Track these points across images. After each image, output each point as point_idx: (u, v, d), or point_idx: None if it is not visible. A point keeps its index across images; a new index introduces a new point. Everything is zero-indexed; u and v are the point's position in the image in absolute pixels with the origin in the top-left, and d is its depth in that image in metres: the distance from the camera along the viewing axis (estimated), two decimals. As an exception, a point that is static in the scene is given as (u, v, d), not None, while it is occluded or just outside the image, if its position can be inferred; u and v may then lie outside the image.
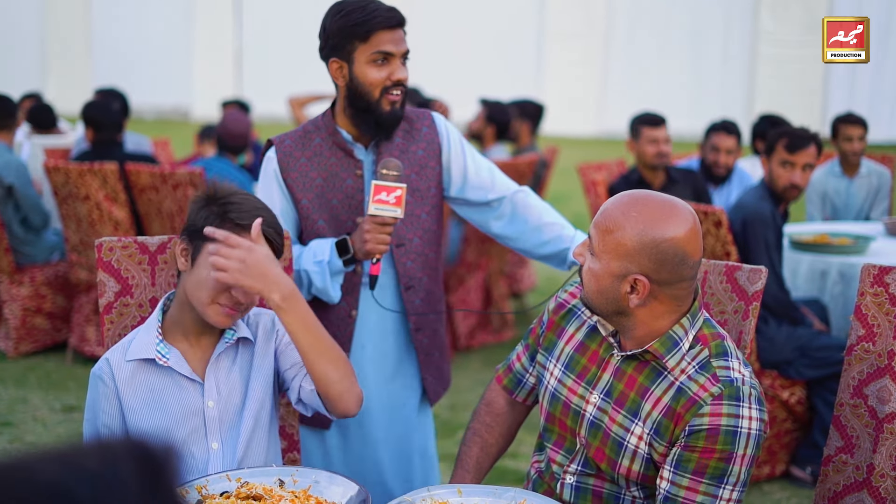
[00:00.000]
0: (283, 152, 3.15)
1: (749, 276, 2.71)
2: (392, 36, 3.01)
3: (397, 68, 3.04)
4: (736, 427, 2.24)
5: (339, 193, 3.14)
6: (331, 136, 3.15)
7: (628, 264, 2.27)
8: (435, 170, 3.24)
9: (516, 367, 2.76)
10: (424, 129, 3.25)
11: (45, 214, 6.72)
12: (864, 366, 2.77)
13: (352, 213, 3.14)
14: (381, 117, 3.06)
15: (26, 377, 6.29)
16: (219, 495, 2.34)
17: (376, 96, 3.03)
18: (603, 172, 6.73)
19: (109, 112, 6.69)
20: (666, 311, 2.34)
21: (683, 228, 2.28)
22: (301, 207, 3.14)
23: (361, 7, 2.99)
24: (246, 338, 2.62)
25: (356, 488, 2.34)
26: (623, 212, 2.29)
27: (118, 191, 6.17)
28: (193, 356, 2.58)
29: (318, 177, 3.13)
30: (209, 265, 2.43)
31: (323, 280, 3.04)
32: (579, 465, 2.52)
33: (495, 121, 7.71)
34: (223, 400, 2.57)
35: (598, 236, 2.32)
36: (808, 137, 4.85)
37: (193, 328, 2.57)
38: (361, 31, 2.98)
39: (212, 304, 2.48)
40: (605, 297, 2.34)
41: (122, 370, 2.53)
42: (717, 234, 4.77)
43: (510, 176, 6.77)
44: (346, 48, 3.02)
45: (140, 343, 2.55)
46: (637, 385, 2.40)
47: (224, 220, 2.47)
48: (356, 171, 3.15)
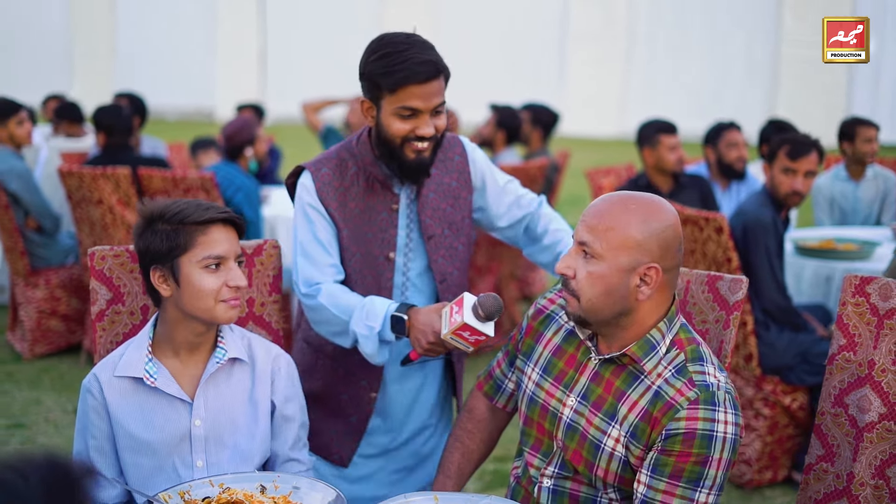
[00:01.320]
0: (321, 181, 3.02)
1: (730, 286, 2.74)
2: (422, 90, 2.83)
3: (424, 123, 2.87)
4: (712, 431, 2.27)
5: (374, 227, 3.05)
6: (367, 167, 3.03)
7: (639, 255, 2.34)
8: (467, 199, 3.17)
9: (496, 374, 2.81)
10: (456, 157, 3.17)
11: (55, 217, 6.79)
12: (845, 375, 2.80)
13: (384, 248, 3.06)
14: (406, 164, 2.94)
15: (40, 379, 6.37)
16: (201, 500, 2.39)
17: (398, 144, 2.90)
18: (611, 177, 6.75)
19: (120, 117, 6.76)
20: (664, 299, 2.42)
21: (672, 215, 2.40)
22: (342, 238, 3.05)
23: (397, 53, 2.82)
24: (239, 359, 2.66)
25: (334, 494, 2.39)
26: (621, 207, 2.37)
27: (131, 195, 6.24)
28: (184, 373, 2.62)
29: (355, 207, 3.04)
30: (198, 274, 2.49)
31: (372, 347, 2.92)
32: (556, 468, 2.56)
33: (505, 125, 7.73)
34: (210, 419, 2.61)
35: (599, 236, 2.36)
36: (810, 144, 4.86)
37: (184, 345, 2.61)
38: (389, 83, 2.83)
39: (217, 305, 2.53)
40: (612, 297, 2.37)
41: (112, 385, 2.58)
42: (718, 241, 4.78)
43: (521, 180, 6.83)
44: (375, 93, 2.89)
45: (129, 360, 2.59)
46: (614, 389, 2.43)
47: (184, 226, 2.50)
48: (392, 206, 3.07)
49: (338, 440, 3.22)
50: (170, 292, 2.54)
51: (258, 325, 2.98)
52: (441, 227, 3.11)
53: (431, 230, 3.09)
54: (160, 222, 2.52)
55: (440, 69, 2.85)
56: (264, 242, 3.01)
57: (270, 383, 2.69)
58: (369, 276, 3.05)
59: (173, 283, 2.53)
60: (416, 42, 2.85)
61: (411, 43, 2.84)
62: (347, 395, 3.19)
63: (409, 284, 3.12)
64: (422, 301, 3.14)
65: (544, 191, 7.63)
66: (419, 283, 3.13)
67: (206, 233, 2.52)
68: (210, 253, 2.52)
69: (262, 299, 3.00)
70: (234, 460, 2.63)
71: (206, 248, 2.52)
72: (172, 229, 2.50)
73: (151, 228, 2.52)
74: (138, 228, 2.56)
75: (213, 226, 2.53)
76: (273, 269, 3.01)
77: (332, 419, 3.22)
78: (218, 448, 2.62)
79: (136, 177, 6.26)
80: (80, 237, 6.59)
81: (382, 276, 3.06)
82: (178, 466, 2.60)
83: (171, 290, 2.54)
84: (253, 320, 2.98)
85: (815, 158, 4.86)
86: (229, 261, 2.56)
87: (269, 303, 3.01)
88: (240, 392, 2.66)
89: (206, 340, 2.63)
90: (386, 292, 3.06)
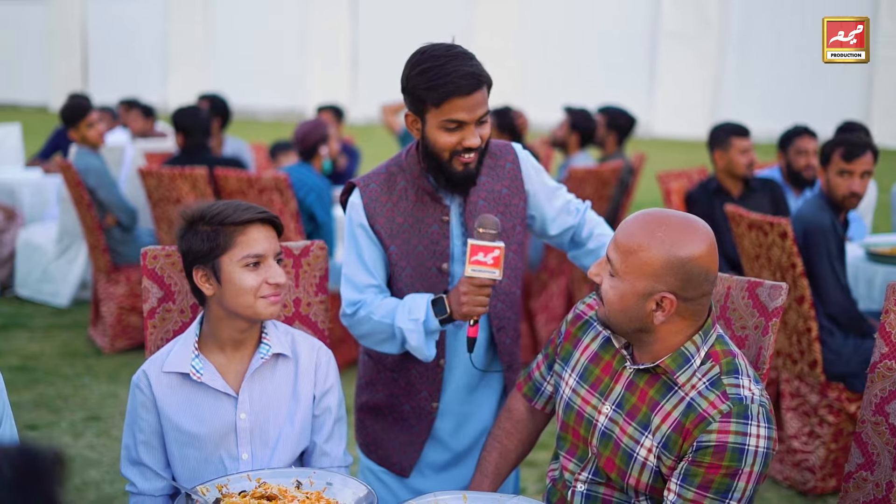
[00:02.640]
0: (368, 197, 3.05)
1: (770, 293, 2.73)
2: (466, 103, 2.84)
3: (470, 134, 2.88)
4: (743, 445, 2.28)
5: (425, 239, 3.06)
6: (415, 180, 3.04)
7: (655, 283, 2.33)
8: (519, 207, 3.17)
9: (535, 376, 2.83)
10: (508, 164, 3.16)
11: (131, 212, 6.99)
12: (887, 383, 2.77)
13: (436, 259, 3.07)
14: (454, 177, 2.96)
15: (119, 373, 6.55)
16: (237, 494, 2.46)
17: (446, 158, 2.92)
18: (682, 180, 6.71)
19: (197, 119, 6.94)
20: (686, 325, 2.40)
21: (705, 245, 2.34)
22: (390, 254, 3.06)
23: (439, 66, 2.83)
24: (283, 354, 2.73)
25: (365, 490, 2.45)
26: (648, 232, 2.34)
27: (207, 194, 6.39)
28: (230, 368, 2.70)
29: (404, 222, 3.05)
30: (238, 272, 2.58)
31: (419, 339, 2.95)
32: (590, 474, 2.58)
33: (579, 128, 7.72)
34: (255, 413, 2.69)
35: (621, 257, 2.37)
36: (864, 145, 4.80)
37: (229, 342, 2.69)
38: (433, 97, 2.84)
39: (257, 301, 2.60)
40: (628, 316, 2.39)
41: (160, 381, 2.67)
42: (782, 246, 4.75)
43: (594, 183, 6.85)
44: (420, 107, 2.91)
45: (177, 356, 2.68)
46: (648, 398, 2.45)
47: (224, 227, 2.58)
48: (442, 217, 3.07)
49: (399, 450, 3.25)
50: (213, 291, 2.62)
51: (304, 325, 3.05)
52: None
53: None
54: (201, 224, 2.60)
55: (483, 80, 2.86)
56: (311, 244, 3.08)
57: (314, 377, 2.76)
58: (422, 290, 3.06)
59: (215, 282, 2.61)
60: (458, 54, 2.86)
61: (453, 55, 2.85)
62: (409, 405, 3.22)
63: None
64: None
65: (619, 193, 7.61)
66: None
67: (245, 233, 2.59)
68: (249, 252, 2.59)
69: (309, 299, 3.07)
70: (278, 453, 2.70)
71: (245, 248, 2.59)
72: (212, 230, 2.58)
73: (193, 230, 2.61)
74: (180, 230, 2.64)
75: (251, 226, 2.61)
76: (319, 270, 3.08)
77: (394, 430, 3.25)
78: (263, 441, 2.70)
79: (213, 177, 6.41)
80: (160, 235, 6.77)
81: (435, 287, 3.07)
82: (224, 459, 2.68)
83: (214, 289, 2.62)
84: (299, 319, 3.05)
85: (870, 159, 4.80)
86: (268, 258, 2.62)
87: (316, 303, 3.08)
88: (283, 386, 2.73)
89: (251, 336, 2.70)
90: None
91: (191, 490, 2.45)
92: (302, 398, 2.74)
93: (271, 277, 2.61)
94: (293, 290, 3.04)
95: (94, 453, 5.20)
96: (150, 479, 2.68)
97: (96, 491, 4.77)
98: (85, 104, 7.08)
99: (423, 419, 3.21)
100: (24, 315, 7.89)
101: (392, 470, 3.28)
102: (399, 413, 3.23)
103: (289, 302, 3.04)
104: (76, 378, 6.45)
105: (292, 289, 3.04)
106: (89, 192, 6.72)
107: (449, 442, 3.27)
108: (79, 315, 7.94)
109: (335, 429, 2.80)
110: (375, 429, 3.28)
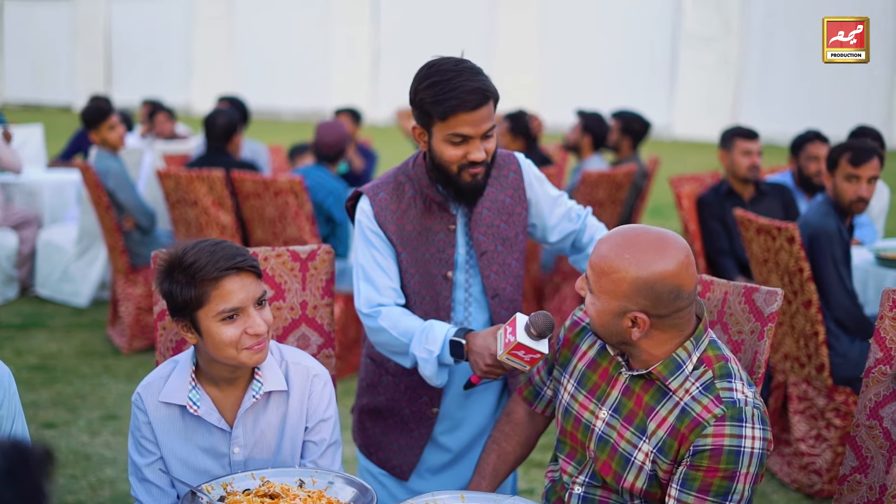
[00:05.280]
0: (378, 206, 3.08)
1: (765, 298, 2.78)
2: (472, 118, 2.87)
3: (475, 148, 2.91)
4: (739, 447, 2.33)
5: (432, 247, 3.11)
6: (423, 189, 3.08)
7: (626, 303, 2.39)
8: (521, 216, 3.22)
9: (535, 380, 2.89)
10: (511, 174, 3.21)
11: (150, 214, 7.08)
12: (881, 388, 2.82)
13: (442, 267, 3.12)
14: (462, 188, 2.99)
15: (136, 373, 6.63)
16: (241, 492, 2.53)
17: (454, 171, 2.95)
18: (694, 184, 6.75)
19: (215, 122, 7.03)
20: (668, 338, 2.45)
21: (674, 263, 2.37)
22: (401, 260, 3.10)
23: (446, 81, 2.86)
24: (277, 391, 2.73)
25: (365, 490, 2.51)
26: (616, 254, 2.39)
27: (224, 197, 6.48)
28: (224, 402, 2.70)
29: (413, 230, 3.09)
30: (216, 326, 2.54)
31: (431, 369, 2.98)
32: (587, 477, 2.64)
33: (592, 131, 7.77)
34: (249, 447, 2.72)
35: (594, 277, 2.44)
36: (871, 150, 4.84)
37: (222, 378, 2.68)
38: (439, 111, 2.87)
39: (240, 353, 2.57)
40: (608, 331, 2.47)
41: (158, 410, 2.68)
42: (790, 251, 4.78)
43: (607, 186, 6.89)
44: (426, 120, 2.94)
45: (173, 387, 2.68)
46: (644, 404, 2.50)
47: (195, 283, 2.51)
48: (449, 226, 3.12)
49: (399, 453, 3.31)
50: (195, 340, 2.61)
51: (310, 327, 3.12)
52: (494, 243, 3.16)
53: (484, 246, 3.14)
54: (177, 271, 2.53)
55: (489, 95, 2.89)
56: (318, 247, 3.15)
57: (306, 408, 2.76)
58: (427, 297, 3.12)
59: (196, 333, 2.59)
60: (465, 69, 2.89)
61: (460, 70, 2.88)
62: (409, 410, 3.27)
63: (473, 301, 3.17)
64: (484, 316, 3.21)
65: (633, 197, 7.66)
66: (482, 299, 3.19)
67: (220, 286, 2.52)
68: (225, 307, 2.53)
69: (315, 302, 3.14)
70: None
71: (220, 302, 2.53)
72: (187, 282, 2.52)
73: (170, 277, 2.55)
74: (159, 274, 2.59)
75: (225, 278, 2.53)
76: (326, 274, 3.15)
77: (394, 433, 3.31)
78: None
79: (230, 179, 6.49)
80: (177, 236, 6.87)
81: (440, 295, 3.12)
82: None
83: (196, 339, 2.60)
84: (306, 322, 3.12)
85: (877, 164, 4.83)
86: (248, 309, 2.56)
87: (322, 306, 3.15)
88: (276, 420, 2.74)
89: (243, 374, 2.69)
90: (444, 312, 3.13)
91: (196, 488, 2.51)
92: (296, 430, 2.76)
93: (251, 328, 2.55)
94: (300, 293, 3.11)
95: (110, 452, 5.28)
96: (157, 497, 2.71)
97: (111, 489, 4.85)
98: (106, 107, 7.17)
99: (423, 423, 3.27)
100: (43, 314, 7.99)
101: (392, 473, 3.33)
102: (399, 416, 3.28)
103: (296, 305, 3.11)
104: (94, 377, 6.54)
105: (299, 291, 3.11)
106: (108, 194, 6.82)
107: (446, 444, 3.32)
108: (98, 315, 8.04)
109: (328, 451, 2.81)
110: (375, 431, 3.34)
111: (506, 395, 3.38)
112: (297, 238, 6.24)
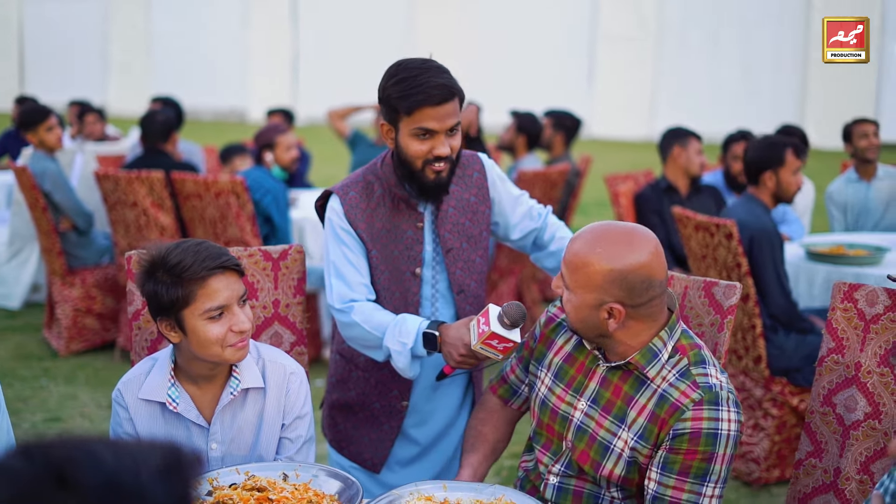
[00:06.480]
0: (348, 205, 3.16)
1: (725, 292, 2.91)
2: (437, 112, 2.96)
3: (440, 143, 3.00)
4: (716, 430, 2.45)
5: (400, 245, 3.19)
6: (392, 188, 3.16)
7: (602, 295, 2.49)
8: (485, 214, 3.31)
9: (511, 379, 2.98)
10: (475, 174, 3.30)
11: (88, 215, 7.04)
12: (834, 376, 2.97)
13: (410, 264, 3.20)
14: (425, 185, 3.07)
15: (76, 375, 6.60)
16: (227, 486, 2.58)
17: (419, 167, 3.03)
18: (629, 183, 6.91)
19: (153, 122, 7.03)
20: (644, 327, 2.56)
21: (646, 254, 2.50)
22: (371, 258, 3.18)
23: (412, 77, 2.96)
24: (254, 388, 2.78)
25: (349, 482, 2.58)
26: (589, 249, 2.51)
27: (164, 198, 6.47)
28: (203, 399, 2.75)
29: (382, 227, 3.17)
30: (202, 324, 2.58)
31: (405, 361, 3.05)
32: (563, 467, 2.74)
33: (526, 131, 7.90)
34: (226, 443, 2.78)
35: (569, 273, 2.55)
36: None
37: (201, 375, 2.73)
38: (405, 106, 2.96)
39: (225, 349, 2.62)
40: (586, 325, 2.57)
41: (138, 407, 2.73)
42: (728, 246, 4.94)
43: (542, 185, 7.02)
44: (393, 116, 3.02)
45: (153, 384, 2.72)
46: (623, 393, 2.61)
47: (182, 282, 2.56)
48: (417, 224, 3.20)
49: (371, 447, 3.38)
50: (178, 339, 2.64)
51: (283, 325, 3.18)
52: (460, 240, 3.26)
53: (450, 243, 3.23)
54: (160, 271, 2.56)
55: (454, 91, 2.99)
56: (289, 247, 3.21)
57: (283, 405, 2.81)
58: (397, 293, 3.20)
59: (180, 332, 2.63)
60: (431, 67, 3.00)
61: (426, 68, 2.99)
62: (379, 404, 3.34)
63: (439, 296, 3.26)
64: (450, 312, 3.29)
65: (566, 195, 7.80)
66: (448, 294, 3.28)
67: (206, 285, 2.57)
68: (211, 305, 2.57)
69: (287, 300, 3.20)
70: None
71: (206, 301, 2.57)
72: (172, 281, 2.55)
73: (153, 277, 2.58)
74: (141, 275, 2.62)
75: (211, 277, 2.58)
76: (297, 273, 3.21)
77: (364, 427, 3.38)
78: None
79: (170, 180, 6.49)
80: (116, 238, 6.83)
81: (409, 291, 3.20)
82: None
83: (180, 337, 2.64)
84: (278, 320, 3.18)
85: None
86: (232, 307, 2.61)
87: (294, 304, 3.21)
88: (253, 416, 2.79)
89: (221, 371, 2.74)
90: (413, 307, 3.21)
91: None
92: (273, 426, 2.81)
93: (236, 325, 2.61)
94: (272, 291, 3.17)
95: (57, 454, 5.26)
96: None
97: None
98: (44, 109, 7.13)
99: (394, 417, 3.34)
100: (-25, 318, 7.90)
101: (364, 466, 3.40)
102: (370, 411, 3.36)
103: (268, 303, 3.17)
104: (34, 380, 6.50)
105: (271, 290, 3.17)
106: (45, 195, 6.77)
107: (416, 437, 3.40)
108: (31, 318, 7.98)
109: (303, 447, 2.87)
110: (346, 426, 3.40)
111: (471, 388, 3.47)
112: (238, 239, 6.26)
